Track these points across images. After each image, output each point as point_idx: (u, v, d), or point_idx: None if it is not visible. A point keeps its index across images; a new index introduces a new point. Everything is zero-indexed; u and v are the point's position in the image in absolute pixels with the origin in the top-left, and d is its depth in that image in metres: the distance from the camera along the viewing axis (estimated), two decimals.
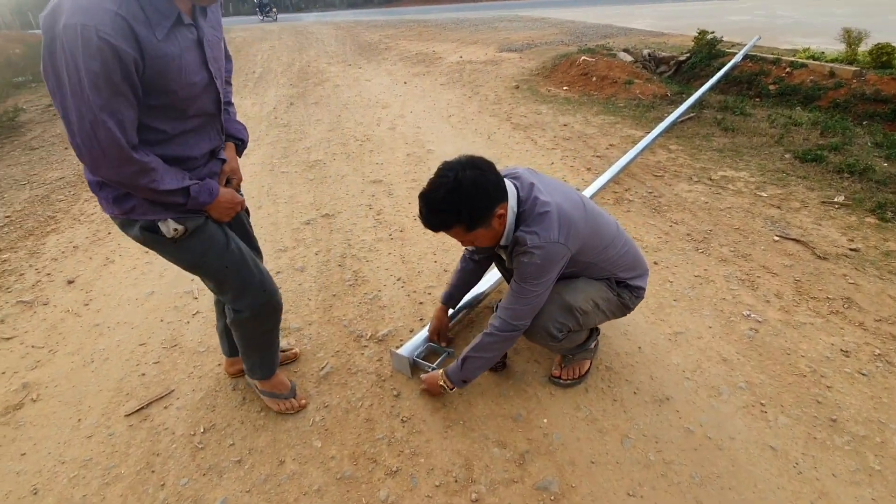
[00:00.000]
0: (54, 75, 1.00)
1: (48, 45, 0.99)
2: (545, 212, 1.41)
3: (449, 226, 1.39)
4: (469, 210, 1.34)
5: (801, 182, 3.40)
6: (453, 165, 1.35)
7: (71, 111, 1.01)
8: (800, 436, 1.58)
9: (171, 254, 1.34)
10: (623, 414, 1.68)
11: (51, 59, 0.99)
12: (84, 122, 1.01)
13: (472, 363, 1.59)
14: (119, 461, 1.60)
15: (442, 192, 1.33)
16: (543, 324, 1.56)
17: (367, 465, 1.55)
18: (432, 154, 4.41)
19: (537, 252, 1.40)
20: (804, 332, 2.02)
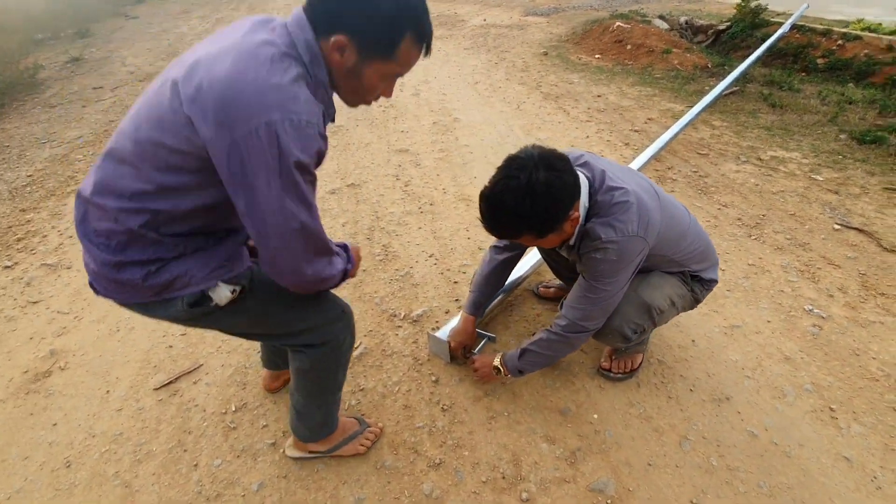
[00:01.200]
0: (241, 173, 0.82)
1: (242, 139, 0.79)
2: (623, 201, 1.25)
3: (516, 235, 1.24)
4: (542, 218, 1.18)
5: (860, 165, 3.17)
6: (524, 163, 1.16)
7: (270, 212, 0.84)
8: (876, 446, 1.47)
9: (224, 323, 1.08)
10: (680, 413, 1.57)
11: (244, 151, 0.80)
12: (287, 221, 0.86)
13: (531, 357, 1.47)
14: (150, 437, 1.54)
15: (511, 198, 1.14)
16: (617, 325, 1.43)
17: (408, 454, 1.46)
18: (459, 123, 4.20)
19: (612, 247, 1.25)
20: (874, 331, 1.88)
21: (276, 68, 0.82)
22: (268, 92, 0.80)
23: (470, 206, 2.83)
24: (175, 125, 0.83)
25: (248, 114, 0.78)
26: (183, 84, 0.82)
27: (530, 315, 2.00)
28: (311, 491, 1.37)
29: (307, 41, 0.87)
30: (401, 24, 0.86)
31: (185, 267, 0.94)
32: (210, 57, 0.83)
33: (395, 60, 0.90)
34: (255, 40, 0.85)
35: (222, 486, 1.39)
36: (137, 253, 0.92)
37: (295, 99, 0.81)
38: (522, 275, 2.09)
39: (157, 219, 0.90)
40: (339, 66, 0.90)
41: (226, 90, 0.79)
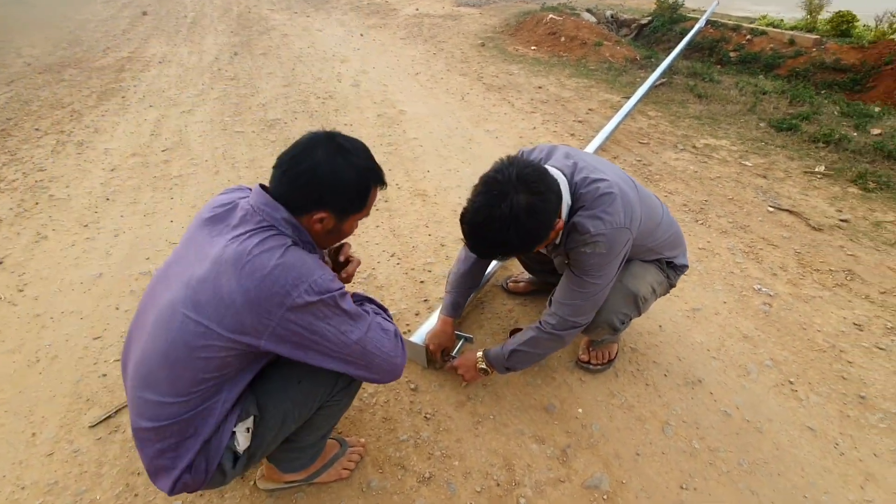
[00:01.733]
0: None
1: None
2: (608, 193, 1.23)
3: (504, 259, 1.24)
4: (528, 242, 1.16)
5: (781, 151, 3.44)
6: (503, 188, 1.10)
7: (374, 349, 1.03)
8: (834, 414, 1.57)
9: (266, 448, 1.10)
10: (658, 399, 1.60)
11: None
12: (383, 340, 1.05)
13: (520, 356, 1.42)
14: (91, 484, 1.32)
15: (495, 228, 1.11)
16: (606, 317, 1.41)
17: (395, 471, 1.37)
18: (405, 115, 4.08)
19: (601, 240, 1.22)
20: (815, 305, 2.02)
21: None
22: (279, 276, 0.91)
23: (426, 202, 2.75)
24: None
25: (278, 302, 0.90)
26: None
27: (502, 311, 1.96)
28: None
29: (286, 220, 0.97)
30: (366, 184, 1.01)
31: (208, 427, 0.99)
32: (209, 281, 0.91)
33: (366, 209, 1.05)
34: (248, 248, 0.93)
35: None
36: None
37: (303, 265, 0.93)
38: (490, 271, 2.04)
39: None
40: (319, 231, 1.01)
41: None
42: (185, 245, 1.01)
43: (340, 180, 0.96)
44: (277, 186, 0.98)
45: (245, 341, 0.91)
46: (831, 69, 5.17)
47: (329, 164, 0.95)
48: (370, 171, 1.01)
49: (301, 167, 0.95)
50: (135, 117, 4.13)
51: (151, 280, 1.05)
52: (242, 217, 0.97)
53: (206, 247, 0.96)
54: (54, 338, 1.81)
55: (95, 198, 2.84)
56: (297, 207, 0.98)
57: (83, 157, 3.38)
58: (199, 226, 1.01)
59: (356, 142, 1.02)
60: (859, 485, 1.37)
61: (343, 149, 0.98)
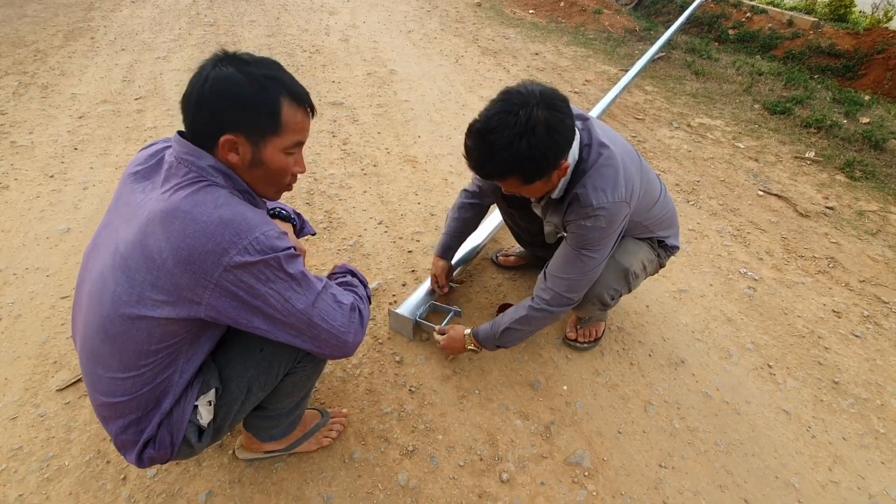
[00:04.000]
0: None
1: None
2: (610, 164, 1.19)
3: (504, 177, 1.12)
4: (536, 162, 1.07)
5: (773, 135, 3.43)
6: (524, 98, 1.04)
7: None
8: (808, 399, 1.61)
9: (234, 418, 1.04)
10: (642, 379, 1.61)
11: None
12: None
13: (512, 335, 1.40)
14: (60, 450, 1.27)
15: (507, 136, 1.03)
16: (597, 292, 1.40)
17: (378, 443, 1.35)
18: (396, 75, 3.92)
19: (603, 214, 1.18)
20: (797, 291, 2.05)
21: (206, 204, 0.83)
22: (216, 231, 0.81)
23: (416, 169, 2.66)
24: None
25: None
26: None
27: (491, 285, 1.93)
28: (271, 495, 1.22)
29: (214, 167, 0.86)
30: (270, 94, 0.85)
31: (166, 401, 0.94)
32: (144, 233, 0.82)
33: (284, 131, 0.88)
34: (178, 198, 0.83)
35: (161, 500, 1.19)
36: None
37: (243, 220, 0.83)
38: (480, 243, 1.99)
39: None
40: (239, 163, 0.88)
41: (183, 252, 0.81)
42: (112, 208, 0.93)
43: (232, 92, 0.82)
44: (184, 121, 0.88)
45: (184, 307, 0.83)
46: (826, 54, 5.13)
47: (219, 76, 0.83)
48: (272, 79, 0.85)
49: (193, 87, 0.84)
50: (105, 61, 3.87)
51: (87, 248, 0.96)
52: (168, 171, 0.87)
53: (132, 207, 0.87)
54: (18, 295, 1.71)
55: (62, 146, 2.67)
56: (203, 138, 0.86)
57: (48, 101, 3.16)
58: (124, 185, 0.92)
59: (263, 57, 0.88)
60: (828, 467, 1.42)
61: (238, 60, 0.85)
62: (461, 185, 2.51)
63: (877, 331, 1.87)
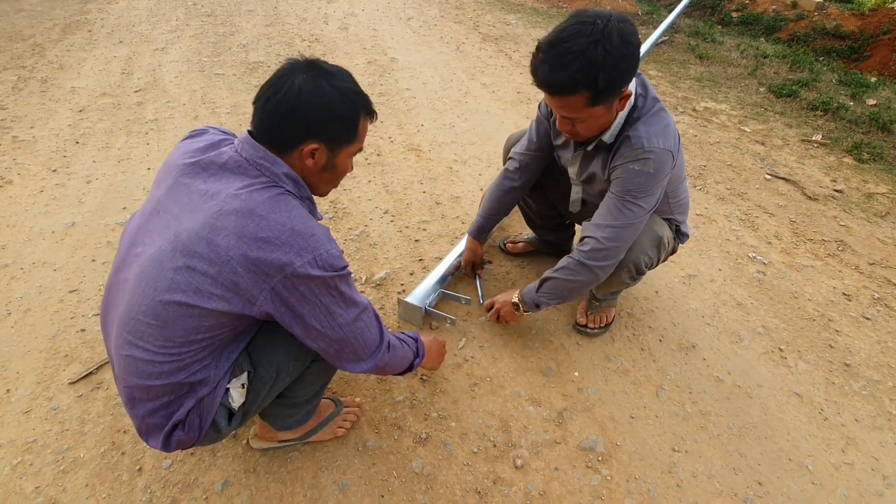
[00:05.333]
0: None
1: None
2: (664, 115, 1.21)
3: (574, 89, 1.07)
4: (610, 73, 1.04)
5: (780, 118, 3.39)
6: (599, 13, 1.05)
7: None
8: (820, 381, 1.60)
9: (261, 403, 1.05)
10: (653, 364, 1.61)
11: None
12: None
13: (551, 286, 1.39)
14: (74, 442, 1.28)
15: (584, 41, 1.02)
16: (634, 256, 1.36)
17: (391, 432, 1.35)
18: (397, 63, 3.88)
19: (653, 158, 1.18)
20: (807, 275, 2.04)
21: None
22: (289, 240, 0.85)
23: (420, 158, 2.64)
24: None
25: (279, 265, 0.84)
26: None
27: (499, 272, 1.92)
28: (286, 483, 1.23)
29: (288, 175, 0.90)
30: (355, 110, 0.93)
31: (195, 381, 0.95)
32: (207, 226, 0.84)
33: (357, 140, 0.96)
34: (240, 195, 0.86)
35: (178, 491, 1.20)
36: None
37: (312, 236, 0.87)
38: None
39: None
40: (312, 168, 0.93)
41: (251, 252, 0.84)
42: (165, 196, 0.92)
43: (326, 104, 0.88)
44: (259, 123, 0.90)
45: (239, 303, 0.86)
46: (831, 35, 5.05)
47: (312, 87, 0.87)
48: (358, 95, 0.93)
49: (282, 95, 0.86)
50: (103, 53, 3.83)
51: (125, 233, 0.96)
52: (238, 168, 0.89)
53: (193, 198, 0.88)
54: (26, 290, 1.71)
55: (63, 140, 2.65)
56: (284, 143, 0.90)
57: (48, 95, 3.13)
58: (179, 173, 0.92)
59: (339, 67, 0.94)
60: (841, 448, 1.42)
61: (326, 72, 0.90)
62: (466, 174, 2.50)
63: (888, 313, 1.86)
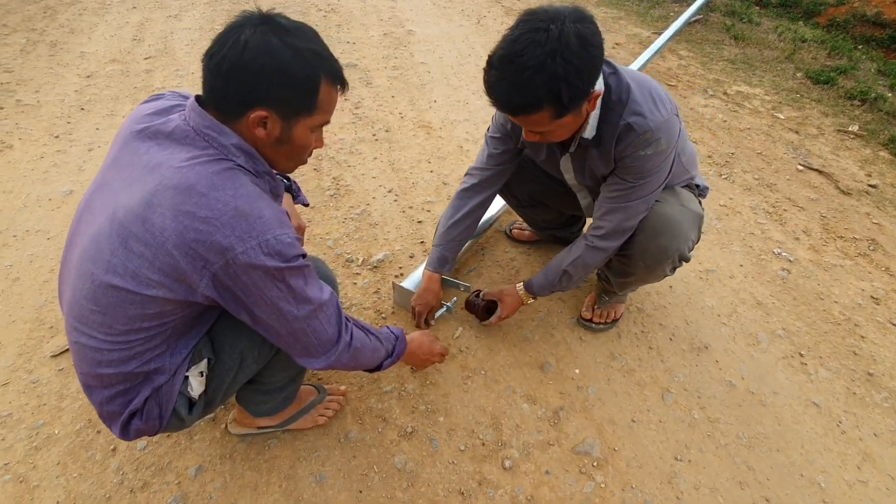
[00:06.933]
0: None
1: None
2: (647, 84, 1.11)
3: (537, 107, 0.96)
4: (573, 84, 0.92)
5: (816, 106, 3.17)
6: (552, 14, 0.91)
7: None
8: (840, 391, 1.49)
9: (225, 391, 0.98)
10: (661, 364, 1.51)
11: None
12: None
13: (569, 279, 1.32)
14: (50, 418, 1.25)
15: (539, 53, 0.88)
16: (678, 246, 1.24)
17: (376, 423, 1.29)
18: (414, 36, 3.73)
19: (663, 135, 1.08)
20: (835, 275, 1.89)
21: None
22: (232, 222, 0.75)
23: (431, 135, 2.53)
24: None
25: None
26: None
27: (503, 259, 1.82)
28: (262, 472, 1.18)
29: (238, 147, 0.80)
30: (313, 74, 0.79)
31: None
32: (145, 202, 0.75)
33: (318, 110, 0.83)
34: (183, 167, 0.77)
35: (150, 474, 1.16)
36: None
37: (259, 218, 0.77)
38: (494, 214, 1.88)
39: None
40: (265, 139, 0.82)
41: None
42: (110, 166, 0.84)
43: (276, 64, 0.74)
44: (204, 85, 0.79)
45: (180, 290, 0.78)
46: (871, 23, 4.71)
47: (260, 43, 0.74)
48: (319, 57, 0.79)
49: (225, 51, 0.74)
50: (115, 19, 3.76)
51: (78, 206, 0.89)
52: (184, 138, 0.79)
53: (135, 171, 0.79)
54: (17, 258, 1.68)
55: (68, 106, 2.61)
56: (230, 109, 0.78)
57: (56, 59, 3.09)
58: (126, 142, 0.83)
59: (301, 24, 0.80)
60: (856, 465, 1.31)
61: (281, 27, 0.76)
62: (477, 154, 2.39)
63: None
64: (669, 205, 1.24)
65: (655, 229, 1.23)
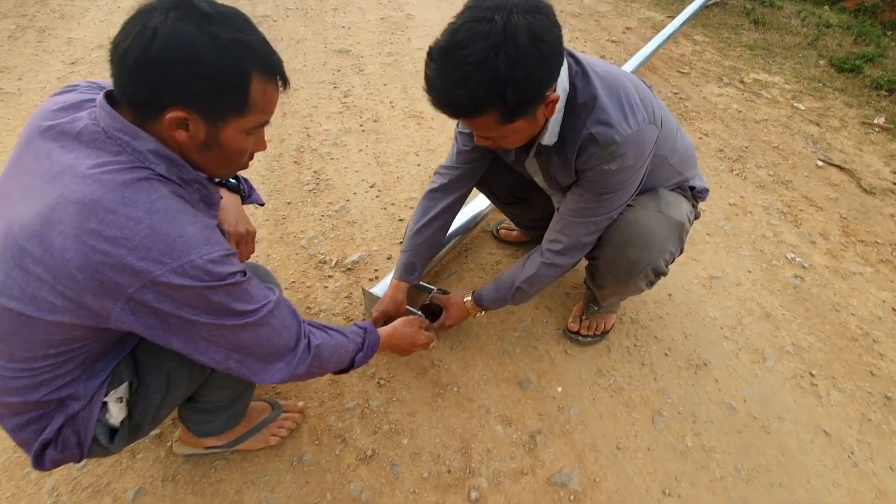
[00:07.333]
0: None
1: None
2: (619, 86, 0.96)
3: (479, 110, 0.83)
4: (521, 86, 0.80)
5: (839, 96, 2.95)
6: (500, 2, 0.77)
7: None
8: (854, 417, 1.34)
9: (154, 416, 0.88)
10: (654, 383, 1.37)
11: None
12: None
13: (524, 295, 1.22)
14: None
15: (480, 48, 0.76)
16: (652, 258, 1.11)
17: (333, 445, 1.19)
18: (412, 20, 3.57)
19: (630, 150, 0.95)
20: (854, 283, 1.73)
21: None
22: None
23: (421, 126, 2.39)
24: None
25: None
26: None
27: (488, 262, 1.69)
28: (206, 497, 1.08)
29: (155, 152, 0.68)
30: (240, 68, 0.67)
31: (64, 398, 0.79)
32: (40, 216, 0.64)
33: (251, 111, 0.71)
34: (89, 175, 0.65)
35: (86, 496, 1.07)
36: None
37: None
38: (481, 211, 1.74)
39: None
40: (189, 143, 0.70)
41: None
42: (10, 170, 0.73)
43: (191, 56, 0.63)
44: (113, 80, 0.68)
45: (88, 316, 0.67)
46: None
47: (172, 31, 0.62)
48: (247, 48, 0.66)
49: (130, 40, 0.62)
50: (108, 3, 3.67)
51: None
52: (93, 141, 0.67)
53: (35, 177, 0.68)
54: None
55: (49, 94, 2.51)
56: (144, 108, 0.67)
57: (42, 46, 3.00)
58: (30, 140, 0.71)
59: (229, 9, 0.67)
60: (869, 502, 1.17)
61: (200, 13, 0.64)
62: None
63: None
64: (644, 210, 1.10)
65: (623, 239, 1.11)
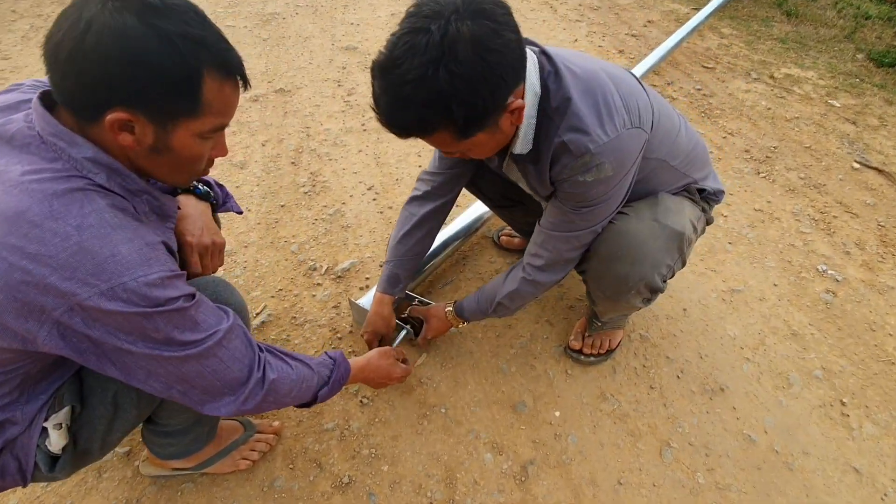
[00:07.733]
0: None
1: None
2: (597, 86, 0.85)
3: (427, 129, 0.76)
4: (467, 100, 0.71)
5: (878, 92, 2.73)
6: (438, 9, 0.69)
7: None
8: (889, 453, 1.19)
9: (103, 443, 0.81)
10: (663, 409, 1.25)
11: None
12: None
13: (505, 310, 1.15)
14: None
15: (417, 64, 0.68)
16: (645, 273, 0.99)
17: (308, 470, 1.10)
18: None
19: (608, 159, 0.84)
20: (891, 299, 1.56)
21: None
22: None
23: None
24: None
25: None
26: None
27: (487, 271, 1.59)
28: None
29: (94, 160, 0.62)
30: (189, 65, 0.60)
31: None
32: None
33: (204, 112, 0.64)
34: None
35: None
36: None
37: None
38: (481, 215, 1.64)
39: None
40: (135, 148, 0.64)
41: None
42: None
43: (132, 51, 0.56)
44: (50, 81, 0.60)
45: (14, 340, 0.61)
46: None
47: (109, 23, 0.55)
48: (196, 43, 0.59)
49: (63, 33, 0.56)
50: None
51: None
52: (27, 146, 0.61)
53: None
54: None
55: None
56: (80, 109, 0.60)
57: None
58: None
59: (179, 1, 0.60)
60: None
61: (141, 4, 0.57)
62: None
63: None
64: (637, 219, 0.98)
65: (611, 252, 0.99)
